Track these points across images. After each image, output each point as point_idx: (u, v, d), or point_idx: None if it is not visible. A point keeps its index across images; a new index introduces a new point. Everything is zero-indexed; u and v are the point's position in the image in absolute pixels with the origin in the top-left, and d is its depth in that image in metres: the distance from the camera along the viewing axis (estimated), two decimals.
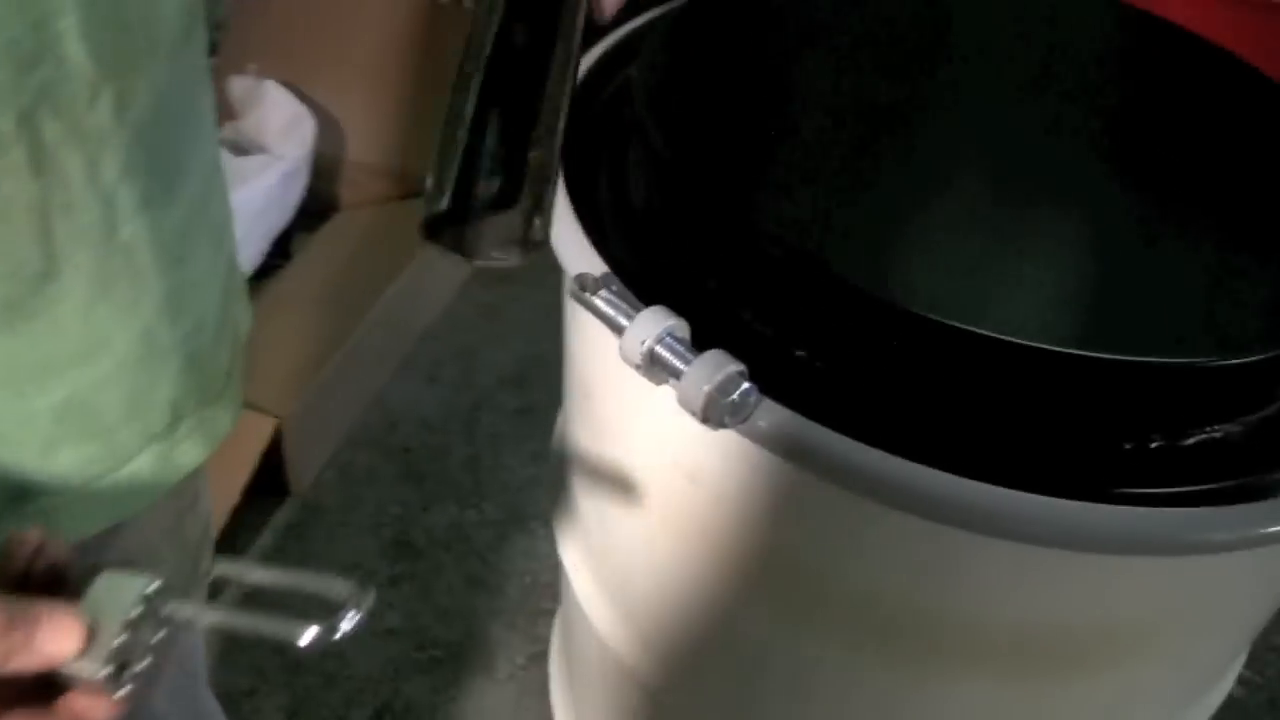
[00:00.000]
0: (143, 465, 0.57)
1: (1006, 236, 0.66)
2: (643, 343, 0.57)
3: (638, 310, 0.58)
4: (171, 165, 0.52)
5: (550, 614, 1.44)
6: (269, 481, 1.47)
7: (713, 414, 0.56)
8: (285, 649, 0.40)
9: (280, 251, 1.78)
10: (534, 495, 1.59)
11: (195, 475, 0.63)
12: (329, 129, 1.83)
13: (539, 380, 1.78)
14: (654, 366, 0.57)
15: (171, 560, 0.69)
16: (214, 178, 0.60)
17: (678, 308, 0.58)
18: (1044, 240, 0.66)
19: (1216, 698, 0.82)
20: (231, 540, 1.43)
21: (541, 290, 1.93)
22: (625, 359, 0.58)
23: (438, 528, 1.53)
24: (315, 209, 1.83)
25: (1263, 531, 0.55)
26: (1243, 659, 0.85)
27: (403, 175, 1.87)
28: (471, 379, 1.77)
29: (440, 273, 1.85)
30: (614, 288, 0.61)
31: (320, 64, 1.86)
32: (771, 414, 0.57)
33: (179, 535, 0.69)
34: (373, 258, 1.77)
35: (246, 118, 1.75)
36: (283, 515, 1.51)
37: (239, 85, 1.76)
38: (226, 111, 1.77)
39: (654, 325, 0.57)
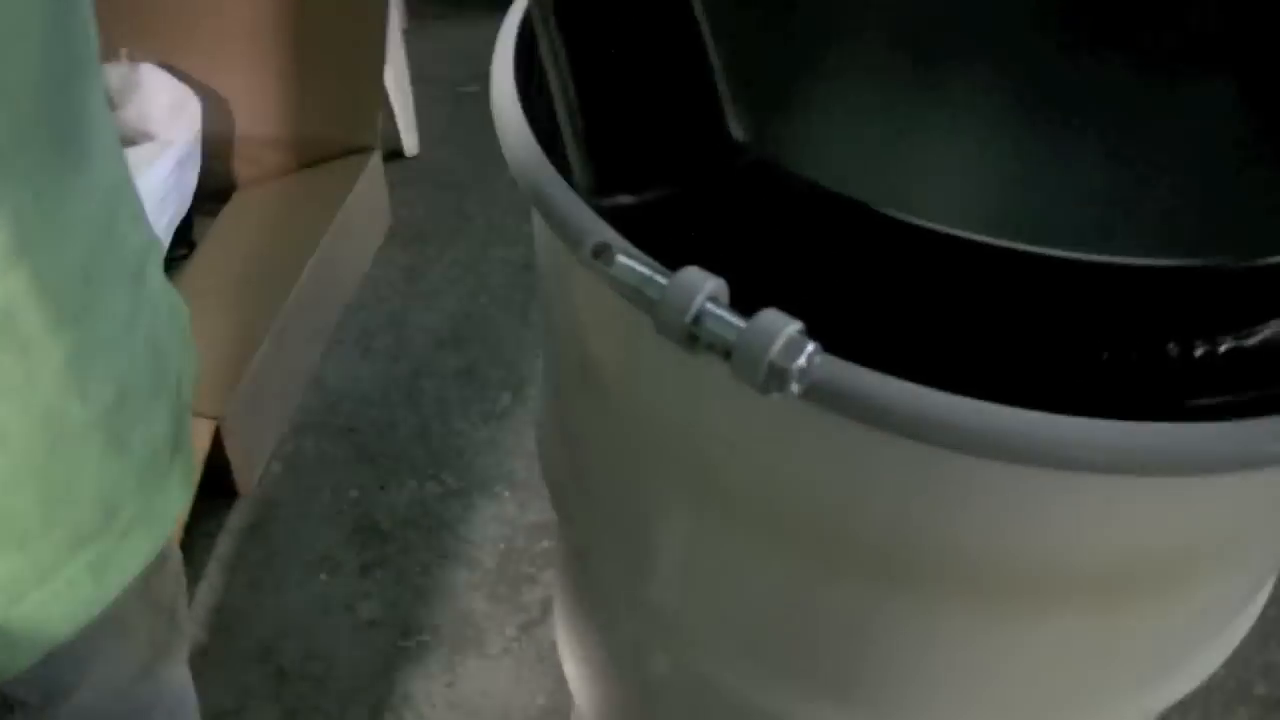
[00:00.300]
0: (75, 576, 0.48)
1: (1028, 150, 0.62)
2: (684, 313, 0.51)
3: (669, 275, 0.52)
4: (52, 192, 0.42)
5: (531, 579, 1.39)
6: (216, 485, 1.39)
7: (774, 383, 0.50)
8: (266, 657, 0.35)
9: (182, 241, 1.68)
10: (493, 458, 1.53)
11: None
12: (214, 106, 1.73)
13: (475, 337, 1.71)
14: (697, 338, 0.52)
15: (145, 627, 0.61)
16: (118, 195, 0.49)
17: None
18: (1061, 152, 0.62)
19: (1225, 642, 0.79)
20: (189, 553, 1.35)
21: (458, 245, 1.86)
22: (663, 332, 0.52)
23: (400, 506, 1.47)
24: (212, 191, 1.74)
25: None
26: None
27: (298, 144, 1.78)
28: (406, 346, 1.70)
29: (355, 240, 1.77)
30: (629, 250, 0.55)
31: (193, 40, 1.75)
32: (837, 370, 0.51)
33: (148, 599, 0.60)
34: (283, 234, 1.68)
35: (127, 106, 1.64)
36: (237, 518, 1.44)
37: (114, 74, 1.64)
38: None
39: (693, 291, 0.51)
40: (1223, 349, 0.57)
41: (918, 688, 0.70)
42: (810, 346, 0.49)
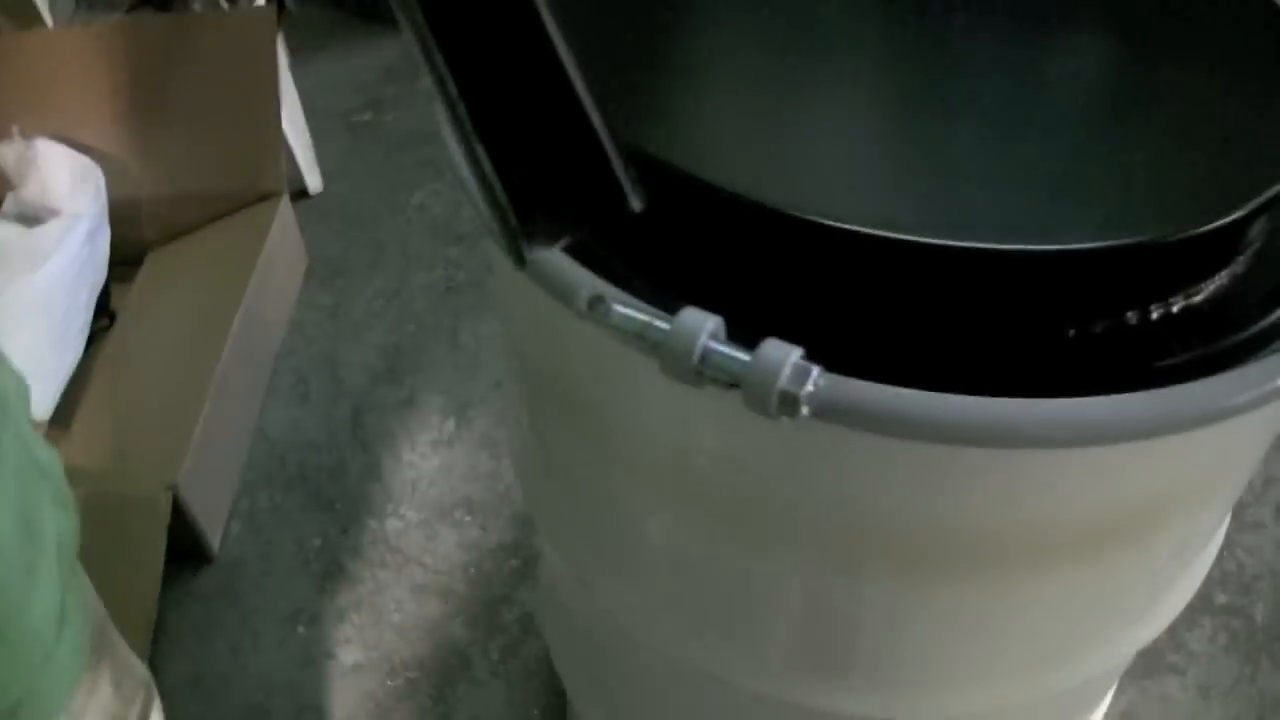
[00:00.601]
0: None
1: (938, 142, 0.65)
2: (689, 354, 0.54)
3: (667, 318, 0.55)
4: None
5: (506, 599, 1.41)
6: (182, 553, 1.39)
7: (786, 408, 0.53)
8: (255, 712, 0.37)
9: (102, 312, 1.67)
10: (448, 485, 1.55)
11: None
12: (114, 172, 1.71)
13: (409, 368, 1.72)
14: (706, 375, 0.54)
15: None
16: None
17: None
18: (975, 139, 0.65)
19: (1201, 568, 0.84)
20: (162, 626, 1.35)
21: (377, 277, 1.87)
22: (670, 373, 0.55)
23: (364, 547, 1.48)
24: (122, 257, 1.72)
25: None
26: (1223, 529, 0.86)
27: (204, 198, 1.77)
28: (342, 385, 1.70)
29: (276, 287, 1.77)
30: (623, 298, 0.57)
31: (85, 108, 1.73)
32: (841, 389, 0.54)
33: None
34: (204, 290, 1.67)
35: (27, 183, 1.62)
36: (204, 584, 1.43)
37: (9, 152, 1.62)
38: (3, 182, 1.64)
39: (696, 331, 0.54)
40: (1176, 309, 0.61)
41: (935, 659, 0.74)
42: (815, 371, 0.53)
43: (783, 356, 0.52)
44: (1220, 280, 0.63)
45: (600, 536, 0.82)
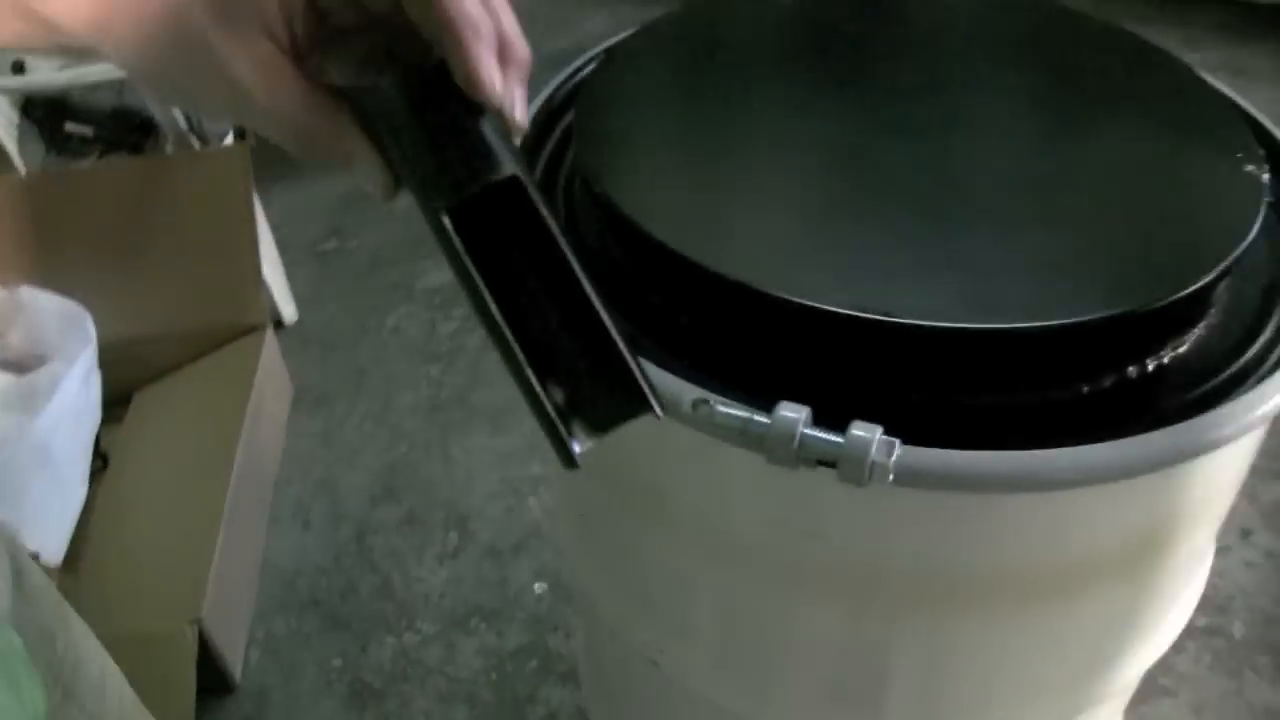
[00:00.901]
0: None
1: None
2: (790, 441, 0.60)
3: (765, 414, 0.61)
4: None
5: (530, 699, 1.44)
6: (209, 684, 1.41)
7: (876, 477, 0.60)
8: None
9: (95, 454, 1.69)
10: (459, 594, 1.59)
11: None
12: (99, 315, 1.74)
13: (406, 486, 1.76)
14: (802, 458, 0.61)
15: None
16: None
17: None
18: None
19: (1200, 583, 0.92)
20: None
21: (362, 400, 1.91)
22: (775, 460, 0.61)
23: (385, 663, 1.51)
24: (110, 399, 1.74)
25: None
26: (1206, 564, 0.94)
27: (189, 336, 1.81)
28: (343, 509, 1.74)
29: (268, 418, 1.80)
30: (723, 400, 0.64)
31: (65, 254, 1.77)
32: (913, 456, 0.61)
33: None
34: (199, 426, 1.71)
35: (11, 332, 1.65)
36: (231, 713, 1.45)
37: None
38: None
39: (794, 424, 0.60)
40: (1166, 360, 0.70)
41: (974, 692, 0.81)
42: (896, 444, 0.60)
43: (870, 435, 0.59)
44: (1199, 332, 0.71)
45: (663, 606, 0.87)
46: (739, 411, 0.62)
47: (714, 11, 0.97)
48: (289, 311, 2.05)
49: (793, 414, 0.61)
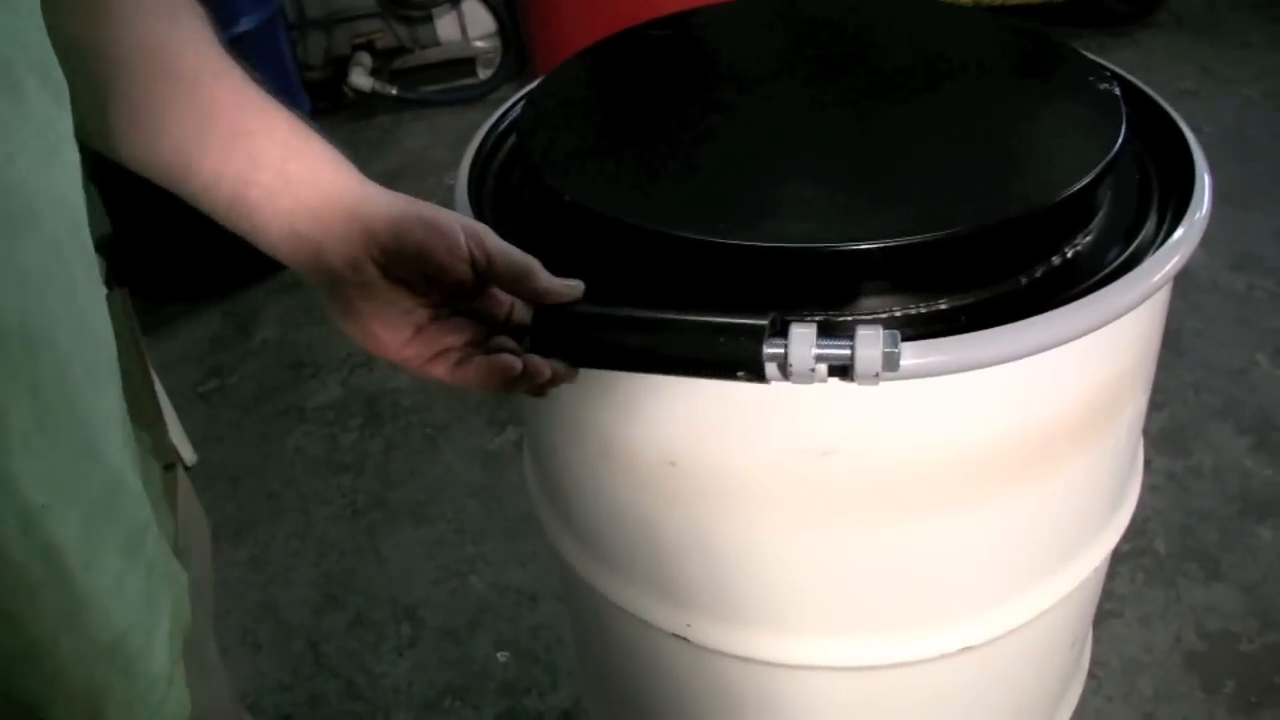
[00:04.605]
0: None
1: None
2: (810, 357, 0.67)
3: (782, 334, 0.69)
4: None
5: None
6: None
7: (889, 368, 0.67)
8: None
9: None
10: (426, 679, 1.63)
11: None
12: None
13: (346, 591, 1.80)
14: (817, 374, 0.68)
15: None
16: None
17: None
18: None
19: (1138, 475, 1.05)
20: None
21: (282, 521, 1.94)
22: (795, 378, 0.68)
23: None
24: None
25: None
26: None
27: None
28: (290, 624, 1.76)
29: (195, 556, 1.81)
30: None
31: None
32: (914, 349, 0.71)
33: None
34: None
35: None
36: None
37: None
38: None
39: (809, 337, 0.67)
40: (1081, 247, 0.83)
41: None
42: (898, 335, 0.68)
43: (876, 333, 0.67)
44: (1091, 234, 0.84)
45: (691, 575, 0.95)
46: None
47: (621, 50, 1.08)
48: (187, 453, 2.07)
49: (805, 329, 0.67)
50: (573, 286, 0.68)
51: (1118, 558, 1.66)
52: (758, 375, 0.66)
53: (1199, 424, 1.95)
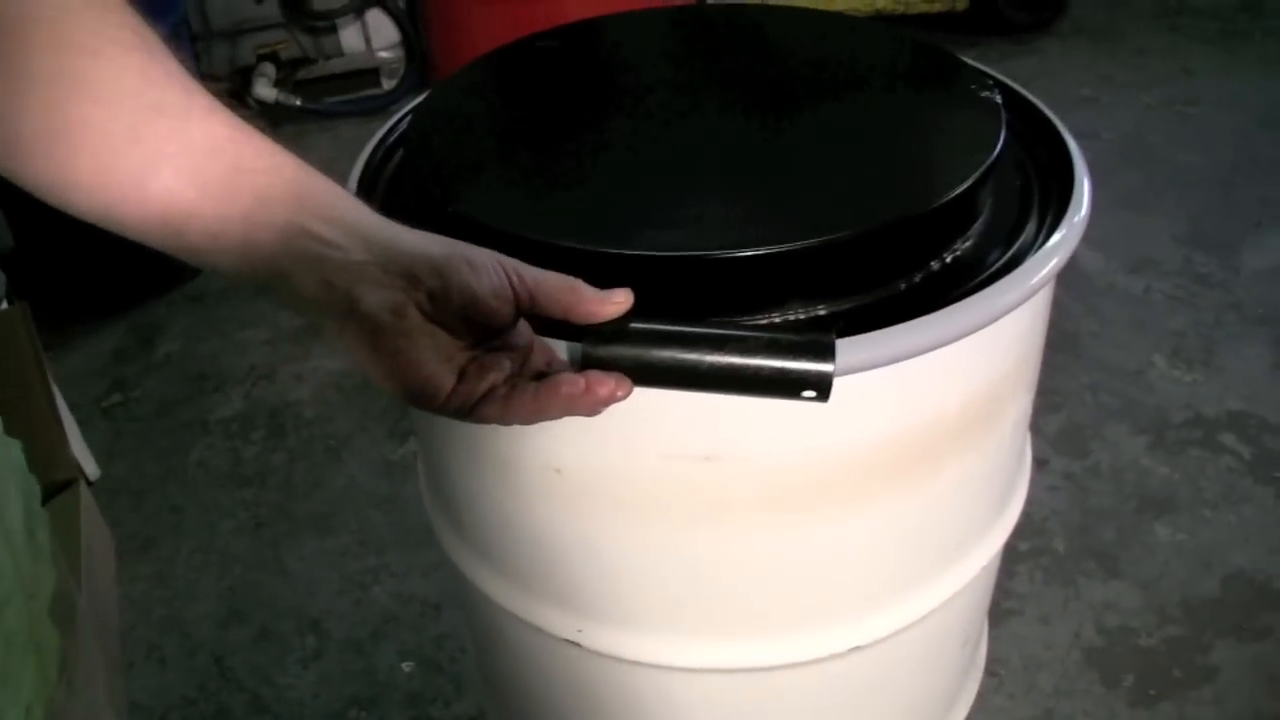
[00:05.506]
0: None
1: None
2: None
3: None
4: None
5: None
6: None
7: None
8: None
9: None
10: (332, 692, 1.62)
11: None
12: None
13: (250, 604, 1.79)
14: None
15: None
16: None
17: None
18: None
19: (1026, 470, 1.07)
20: None
21: (186, 537, 1.92)
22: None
23: None
24: None
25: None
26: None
27: None
28: (194, 639, 1.74)
29: (100, 573, 1.78)
30: None
31: None
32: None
33: None
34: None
35: None
36: None
37: None
38: None
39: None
40: (961, 251, 0.84)
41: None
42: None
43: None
44: (971, 239, 0.86)
45: (583, 582, 0.95)
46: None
47: (515, 60, 1.08)
48: (90, 468, 2.04)
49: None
50: (619, 302, 0.64)
51: (1017, 557, 1.70)
52: (823, 395, 0.65)
53: (1097, 424, 2.00)
